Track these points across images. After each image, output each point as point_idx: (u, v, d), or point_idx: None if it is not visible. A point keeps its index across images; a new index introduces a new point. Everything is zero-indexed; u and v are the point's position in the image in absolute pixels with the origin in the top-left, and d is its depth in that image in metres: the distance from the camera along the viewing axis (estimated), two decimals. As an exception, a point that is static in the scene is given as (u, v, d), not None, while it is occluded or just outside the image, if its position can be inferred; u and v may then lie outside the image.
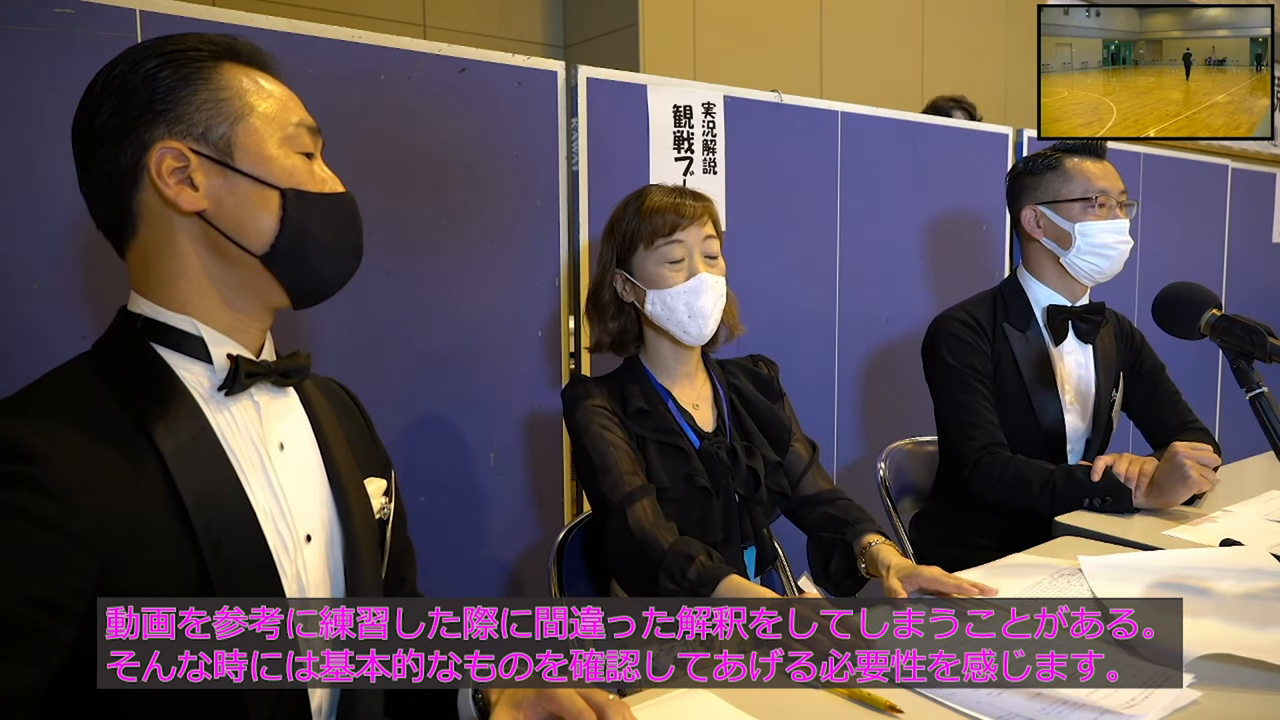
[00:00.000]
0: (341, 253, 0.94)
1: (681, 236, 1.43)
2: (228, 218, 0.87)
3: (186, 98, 0.85)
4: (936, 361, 1.90)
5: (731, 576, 1.25)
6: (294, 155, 0.90)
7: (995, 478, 1.75)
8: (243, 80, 0.89)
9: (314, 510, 0.93)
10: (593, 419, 1.42)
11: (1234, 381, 1.26)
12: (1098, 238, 1.81)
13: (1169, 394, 1.98)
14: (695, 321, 1.43)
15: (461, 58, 1.80)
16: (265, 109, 0.89)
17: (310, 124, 0.92)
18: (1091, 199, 1.82)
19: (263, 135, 0.88)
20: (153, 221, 0.87)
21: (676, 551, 1.29)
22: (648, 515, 1.34)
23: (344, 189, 0.94)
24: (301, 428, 0.96)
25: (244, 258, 0.88)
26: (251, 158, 0.87)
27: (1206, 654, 1.01)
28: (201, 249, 0.88)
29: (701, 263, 1.44)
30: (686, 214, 1.43)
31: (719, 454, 1.46)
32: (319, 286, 0.94)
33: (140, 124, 0.84)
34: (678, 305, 1.43)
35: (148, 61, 0.85)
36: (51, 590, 0.73)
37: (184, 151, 0.85)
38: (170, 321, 0.87)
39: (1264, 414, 1.21)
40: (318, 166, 0.93)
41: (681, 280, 1.43)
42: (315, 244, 0.90)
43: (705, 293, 1.42)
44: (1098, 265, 1.83)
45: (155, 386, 0.85)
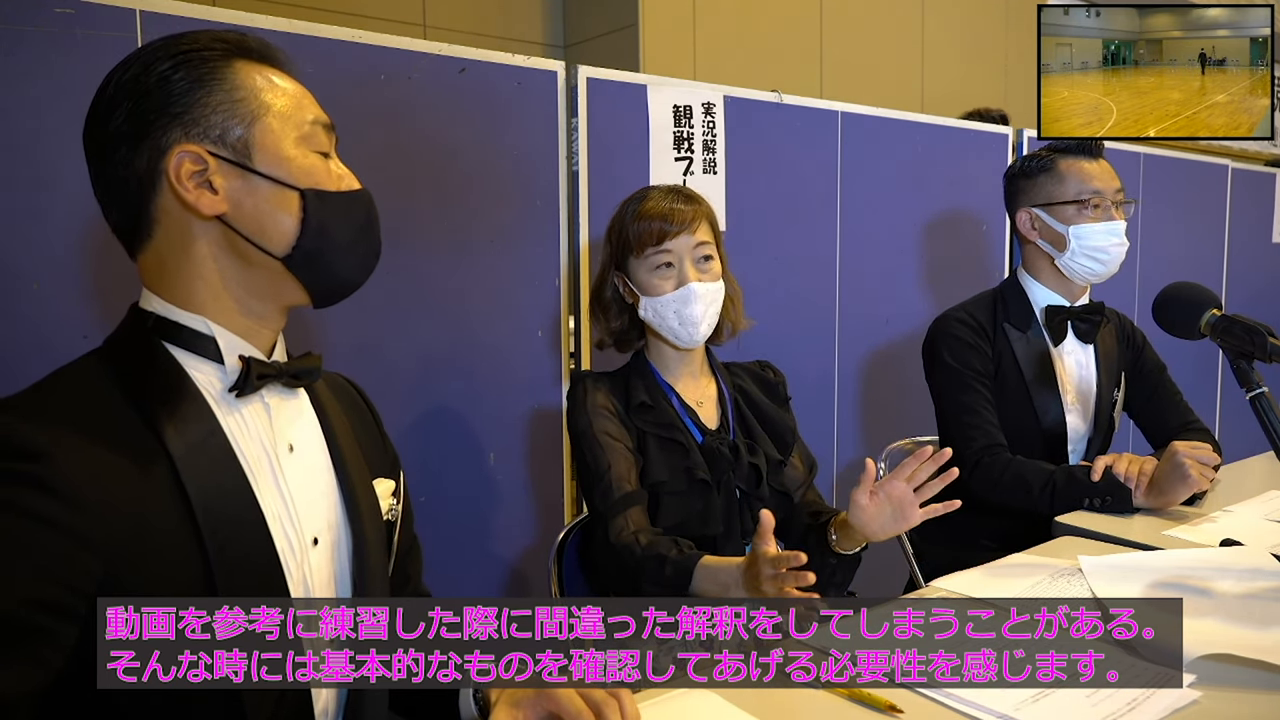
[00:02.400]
0: (362, 251, 0.94)
1: (670, 245, 1.43)
2: (248, 220, 0.86)
3: (201, 100, 0.85)
4: (937, 362, 1.90)
5: (703, 561, 1.27)
6: (311, 154, 0.89)
7: (995, 478, 1.75)
8: (256, 78, 0.88)
9: (322, 513, 0.93)
10: (593, 422, 1.43)
11: (1234, 381, 1.26)
12: (1092, 240, 1.81)
13: (1170, 394, 1.98)
14: (686, 329, 1.44)
15: (461, 58, 1.80)
16: (280, 108, 0.88)
17: (325, 121, 0.92)
18: (1085, 201, 1.81)
19: (279, 135, 0.87)
20: (170, 225, 0.86)
21: (649, 557, 1.31)
22: (628, 525, 1.36)
23: (360, 186, 0.94)
24: (311, 430, 0.96)
25: (265, 260, 0.88)
26: (270, 159, 0.87)
27: (1206, 654, 1.01)
28: (220, 252, 0.87)
29: (692, 270, 1.43)
30: (675, 221, 1.42)
31: (721, 449, 1.46)
32: (340, 286, 0.94)
33: (156, 128, 0.84)
34: (668, 313, 1.44)
35: (160, 63, 0.85)
36: (54, 591, 0.73)
37: (202, 154, 0.84)
38: (183, 321, 0.87)
39: (1264, 414, 1.21)
40: (334, 164, 0.92)
41: (670, 289, 1.43)
42: (336, 244, 0.90)
43: (694, 302, 1.42)
44: (1092, 268, 1.83)
45: (166, 386, 0.84)
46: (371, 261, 0.96)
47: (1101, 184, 1.83)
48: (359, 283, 0.96)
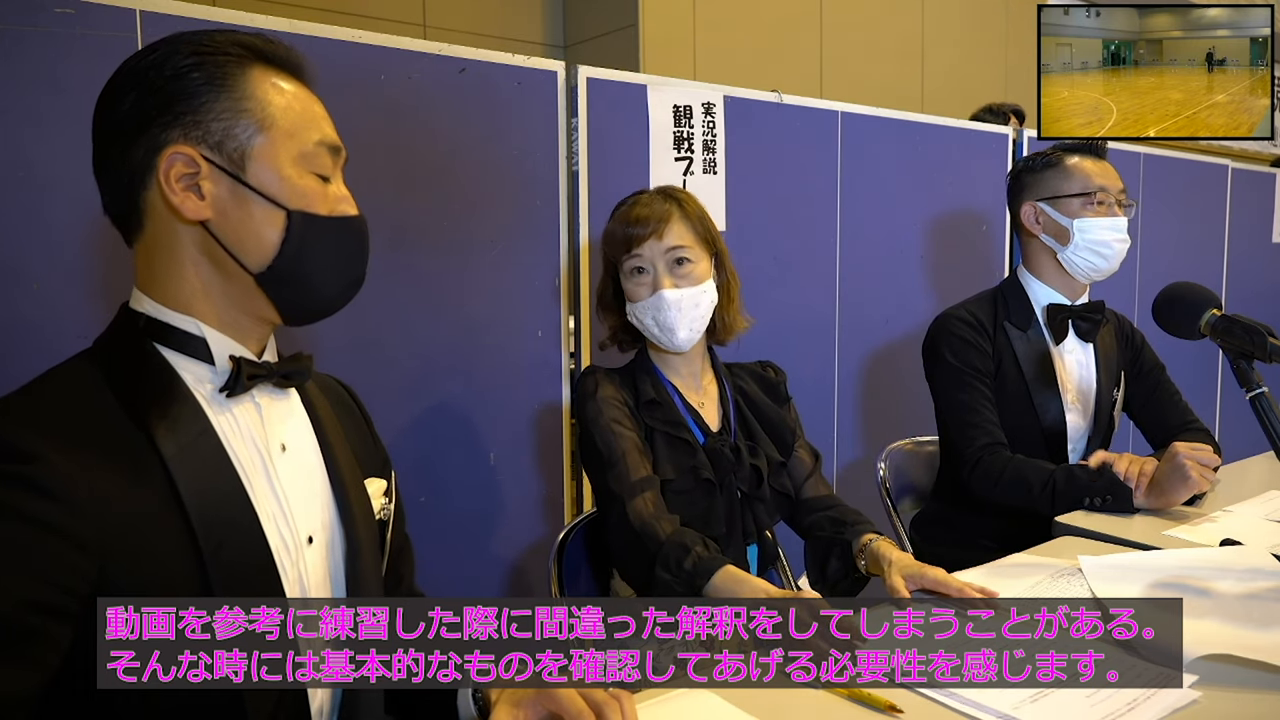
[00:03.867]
0: (342, 279, 0.93)
1: (640, 251, 1.42)
2: (230, 231, 0.86)
3: (208, 103, 0.84)
4: (937, 360, 1.90)
5: (727, 567, 1.25)
6: (308, 175, 0.88)
7: (995, 477, 1.75)
8: (269, 90, 0.87)
9: (315, 512, 0.93)
10: (604, 411, 1.42)
11: (1234, 381, 1.26)
12: (1095, 234, 1.81)
13: (1169, 394, 1.98)
14: (665, 334, 1.44)
15: (461, 58, 1.80)
16: (287, 124, 0.87)
17: (331, 143, 0.91)
18: (1090, 195, 1.82)
19: (279, 151, 0.86)
20: (158, 221, 0.86)
21: (673, 542, 1.29)
22: (649, 507, 1.34)
23: (356, 211, 0.93)
24: (303, 429, 0.96)
25: (239, 273, 0.87)
26: (264, 173, 0.86)
27: (1206, 654, 1.01)
28: (200, 256, 0.87)
29: (665, 276, 1.41)
30: (647, 226, 1.40)
31: (723, 450, 1.46)
32: (313, 309, 0.93)
33: (157, 124, 0.84)
34: (646, 319, 1.44)
35: (180, 58, 0.84)
36: (48, 592, 0.72)
37: (195, 158, 0.84)
38: (173, 322, 0.87)
39: (1264, 414, 1.20)
40: (334, 186, 0.91)
41: (645, 295, 1.43)
42: (313, 269, 0.89)
43: (666, 309, 1.41)
44: (1094, 263, 1.84)
45: (157, 387, 0.84)
46: (351, 290, 0.95)
47: (1106, 182, 1.84)
48: (334, 308, 0.95)
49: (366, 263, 0.96)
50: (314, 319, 0.95)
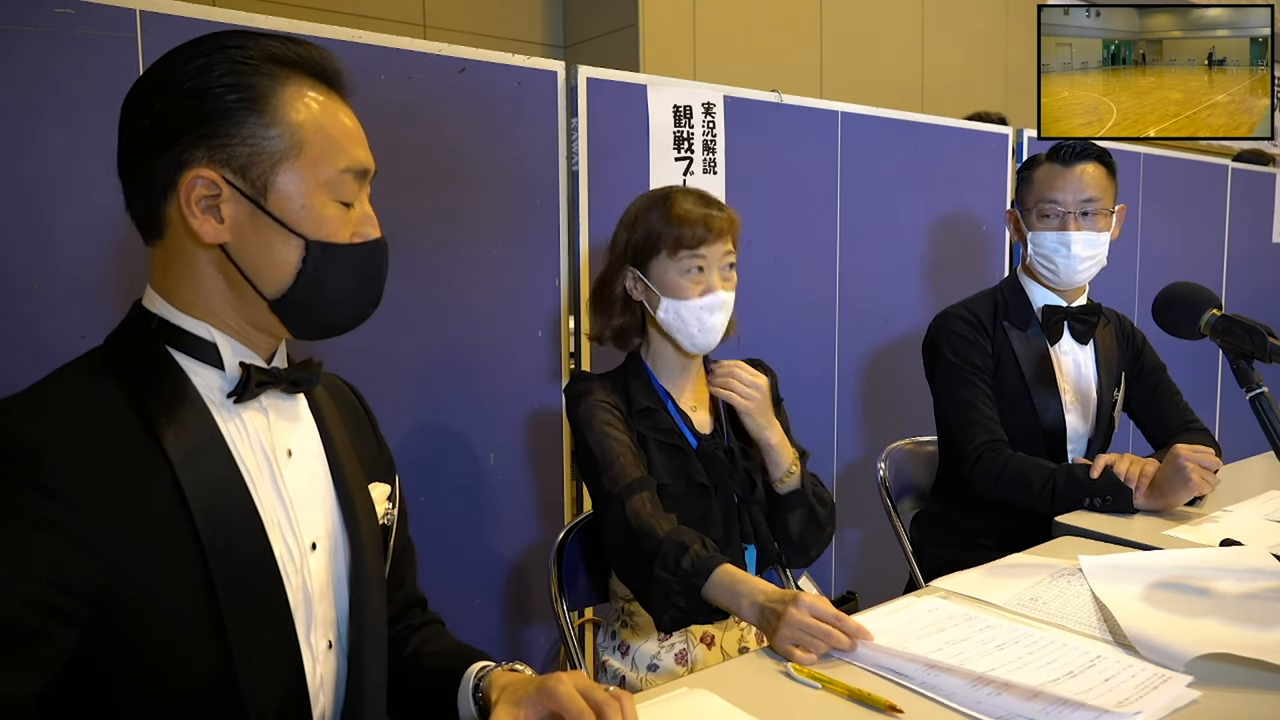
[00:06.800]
0: (357, 303, 0.93)
1: (705, 252, 1.42)
2: (247, 256, 0.85)
3: (235, 127, 0.82)
4: (937, 358, 1.90)
5: (726, 565, 1.25)
6: (331, 204, 0.87)
7: (996, 474, 1.75)
8: (301, 109, 0.85)
9: (320, 518, 0.93)
10: (596, 414, 1.42)
11: (1234, 381, 1.26)
12: (1043, 247, 1.86)
13: (1170, 394, 1.98)
14: (704, 335, 1.45)
15: (461, 58, 1.80)
16: (314, 150, 0.85)
17: (358, 168, 0.89)
18: (1039, 207, 1.85)
19: (303, 180, 0.85)
20: (177, 234, 0.86)
21: (671, 541, 1.29)
22: (645, 506, 1.34)
23: (379, 234, 0.92)
24: (310, 435, 0.96)
25: (254, 295, 0.87)
26: (285, 202, 0.85)
27: (1206, 654, 1.01)
28: (215, 274, 0.86)
29: (719, 279, 1.44)
30: (715, 229, 1.42)
31: (717, 454, 1.46)
32: (325, 331, 0.93)
33: (182, 141, 0.82)
34: (690, 318, 1.43)
35: (213, 75, 0.82)
36: (54, 594, 0.72)
37: (218, 181, 0.82)
38: (186, 326, 0.86)
39: (1264, 414, 1.21)
40: (358, 208, 0.90)
41: (697, 295, 1.43)
42: (329, 298, 0.89)
43: (719, 310, 1.44)
44: (1045, 274, 1.88)
45: (167, 390, 0.84)
46: (367, 311, 0.94)
47: (1063, 194, 1.82)
48: (347, 329, 0.94)
49: (383, 284, 0.95)
50: (325, 338, 0.94)
